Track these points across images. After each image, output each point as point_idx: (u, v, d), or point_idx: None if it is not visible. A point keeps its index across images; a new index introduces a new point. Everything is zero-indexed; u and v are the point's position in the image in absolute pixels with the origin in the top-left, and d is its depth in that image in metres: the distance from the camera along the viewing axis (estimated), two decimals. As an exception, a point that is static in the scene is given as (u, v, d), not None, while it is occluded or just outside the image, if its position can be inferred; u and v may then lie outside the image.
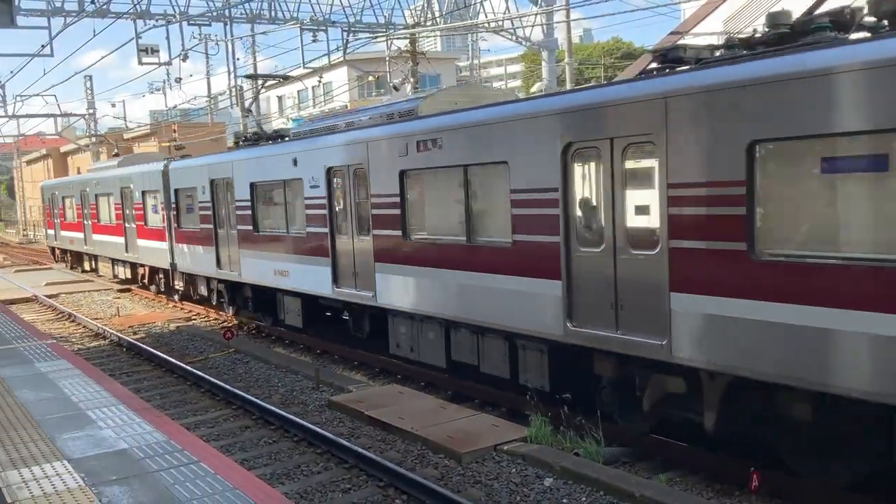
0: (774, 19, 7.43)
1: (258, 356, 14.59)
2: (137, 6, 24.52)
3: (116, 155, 35.01)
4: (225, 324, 18.15)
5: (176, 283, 21.09)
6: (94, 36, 23.95)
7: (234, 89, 39.88)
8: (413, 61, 29.60)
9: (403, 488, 7.76)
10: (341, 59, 31.78)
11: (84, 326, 18.73)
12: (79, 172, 47.08)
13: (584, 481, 7.75)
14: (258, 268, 15.88)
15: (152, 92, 50.62)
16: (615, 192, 8.24)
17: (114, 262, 26.40)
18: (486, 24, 29.28)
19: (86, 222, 28.20)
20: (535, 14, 27.91)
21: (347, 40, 27.09)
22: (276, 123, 51.78)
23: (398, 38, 29.91)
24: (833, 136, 6.35)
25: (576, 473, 7.86)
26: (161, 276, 22.35)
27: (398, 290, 11.78)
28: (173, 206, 19.93)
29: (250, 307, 17.36)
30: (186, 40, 27.68)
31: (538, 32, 28.58)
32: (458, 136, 10.39)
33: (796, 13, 7.54)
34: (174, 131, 42.47)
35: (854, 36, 6.90)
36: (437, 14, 29.03)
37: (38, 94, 44.36)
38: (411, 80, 29.75)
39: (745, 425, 7.63)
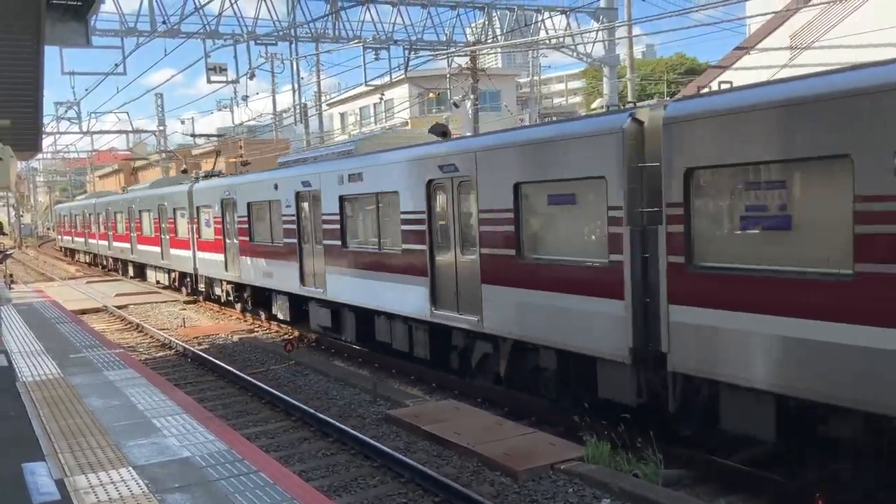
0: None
1: (318, 369, 14.77)
2: (207, 26, 25.24)
3: (185, 171, 36.04)
4: (286, 336, 18.45)
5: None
6: (166, 55, 24.72)
7: (298, 107, 40.70)
8: (473, 78, 29.73)
9: (459, 504, 7.74)
10: (403, 76, 32.08)
11: (151, 337, 19.25)
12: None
13: (642, 503, 7.62)
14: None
15: (220, 109, 51.94)
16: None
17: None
18: (547, 41, 29.27)
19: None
20: (597, 30, 27.82)
21: (409, 58, 27.38)
22: (339, 139, 52.62)
23: (459, 56, 30.11)
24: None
25: (634, 495, 7.73)
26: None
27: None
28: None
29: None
30: (253, 59, 28.36)
31: (599, 48, 28.48)
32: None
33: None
34: (240, 147, 43.49)
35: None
36: (497, 31, 29.15)
37: (111, 112, 46.06)
38: (471, 96, 29.88)
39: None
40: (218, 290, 23.39)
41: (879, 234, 6.43)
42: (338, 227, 15.29)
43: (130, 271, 34.14)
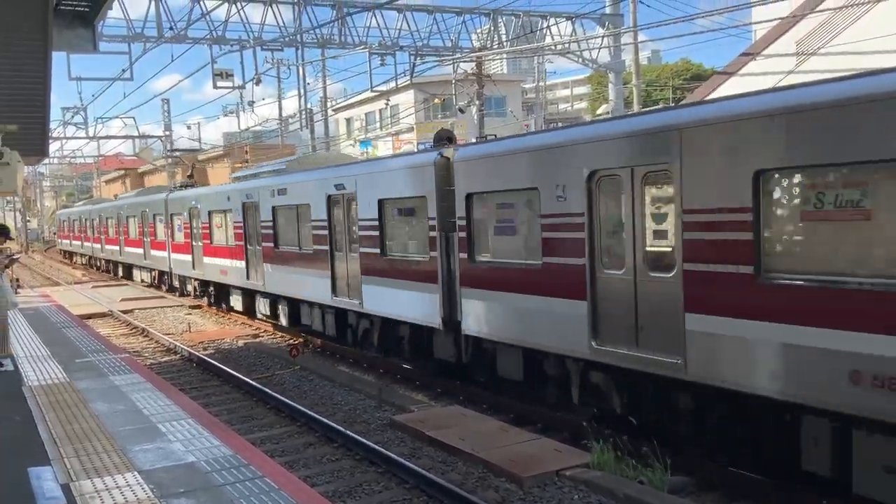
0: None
1: (323, 374, 14.77)
2: (213, 32, 25.31)
3: (190, 176, 36.22)
4: (291, 341, 18.46)
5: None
6: (172, 61, 24.78)
7: (304, 112, 40.77)
8: (479, 84, 29.77)
9: (464, 510, 7.72)
10: (408, 82, 32.15)
11: (156, 341, 19.27)
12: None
13: (647, 510, 7.59)
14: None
15: (226, 114, 52.11)
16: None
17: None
18: (553, 47, 29.30)
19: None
20: (602, 36, 27.84)
21: (414, 64, 27.43)
22: (344, 145, 52.74)
23: (464, 62, 30.18)
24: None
25: (640, 501, 7.70)
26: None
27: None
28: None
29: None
30: (259, 65, 28.45)
31: (605, 54, 28.48)
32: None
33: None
34: (246, 153, 43.58)
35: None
36: (503, 37, 29.18)
37: (117, 117, 46.18)
38: (477, 102, 29.91)
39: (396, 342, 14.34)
40: (189, 287, 26.98)
41: (553, 237, 10.13)
42: (271, 231, 18.72)
43: (120, 271, 37.90)
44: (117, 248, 36.52)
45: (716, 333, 7.83)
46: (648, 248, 8.72)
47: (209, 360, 16.01)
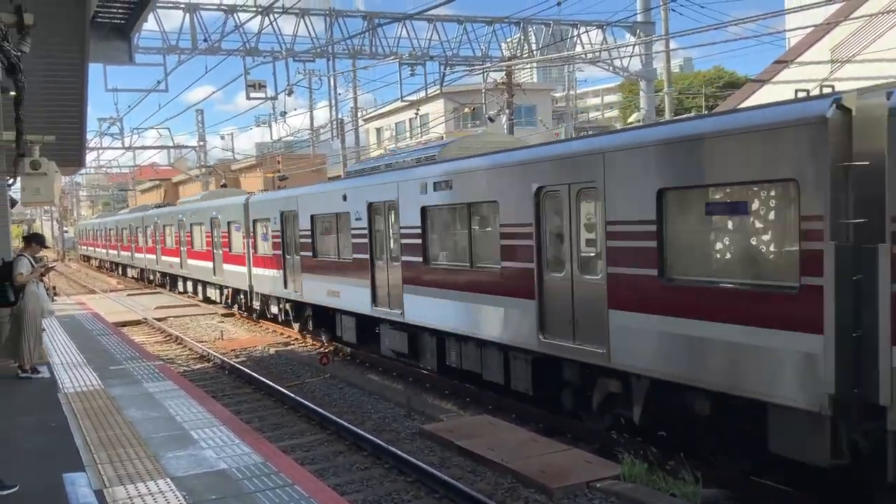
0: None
1: (353, 382, 14.81)
2: (247, 44, 25.63)
3: (224, 185, 36.94)
4: (322, 349, 18.55)
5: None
6: (206, 72, 25.09)
7: (335, 122, 41.02)
8: (509, 93, 29.76)
9: (493, 521, 7.68)
10: (438, 91, 32.21)
11: (190, 349, 19.47)
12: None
13: (679, 522, 7.50)
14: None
15: (259, 125, 52.63)
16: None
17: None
18: (583, 55, 29.21)
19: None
20: (634, 44, 27.70)
21: (444, 73, 27.49)
22: (374, 154, 52.95)
23: (494, 71, 30.18)
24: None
25: (671, 514, 7.61)
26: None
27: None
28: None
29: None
30: (292, 76, 28.75)
31: (636, 62, 28.34)
32: None
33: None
34: (278, 162, 43.92)
35: None
36: (533, 46, 29.15)
37: (153, 127, 46.87)
38: (507, 111, 29.89)
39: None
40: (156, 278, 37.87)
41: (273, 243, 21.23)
42: (189, 238, 29.40)
43: (119, 270, 48.22)
44: (116, 251, 47.64)
45: None
46: None
47: (241, 367, 16.14)
